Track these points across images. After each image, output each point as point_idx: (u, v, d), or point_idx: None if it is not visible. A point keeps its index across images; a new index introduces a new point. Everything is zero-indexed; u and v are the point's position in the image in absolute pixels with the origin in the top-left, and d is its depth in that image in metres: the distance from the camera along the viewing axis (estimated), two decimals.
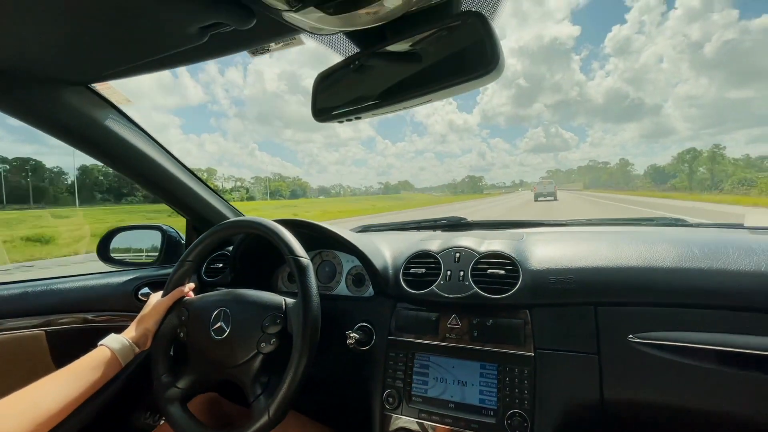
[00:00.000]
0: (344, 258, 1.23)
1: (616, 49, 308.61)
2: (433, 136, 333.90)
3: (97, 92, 0.95)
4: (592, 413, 0.80)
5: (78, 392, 0.74)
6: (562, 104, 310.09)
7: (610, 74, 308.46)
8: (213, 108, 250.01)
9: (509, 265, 0.93)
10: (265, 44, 0.75)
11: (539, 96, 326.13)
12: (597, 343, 0.80)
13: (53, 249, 14.96)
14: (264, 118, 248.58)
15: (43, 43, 0.71)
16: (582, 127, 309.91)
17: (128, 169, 1.13)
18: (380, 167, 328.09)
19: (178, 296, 0.96)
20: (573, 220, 1.35)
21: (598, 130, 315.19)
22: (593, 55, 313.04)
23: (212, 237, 1.00)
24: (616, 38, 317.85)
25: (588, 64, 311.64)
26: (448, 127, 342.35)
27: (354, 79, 0.72)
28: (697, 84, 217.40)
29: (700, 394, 0.73)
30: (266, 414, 0.76)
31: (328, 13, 0.54)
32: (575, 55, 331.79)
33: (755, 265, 0.76)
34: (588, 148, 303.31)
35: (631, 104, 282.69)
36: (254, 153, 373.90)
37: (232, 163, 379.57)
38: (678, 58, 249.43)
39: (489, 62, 0.52)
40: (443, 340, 0.93)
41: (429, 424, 0.88)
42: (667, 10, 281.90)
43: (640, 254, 0.87)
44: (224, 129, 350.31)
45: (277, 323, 0.84)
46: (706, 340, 0.72)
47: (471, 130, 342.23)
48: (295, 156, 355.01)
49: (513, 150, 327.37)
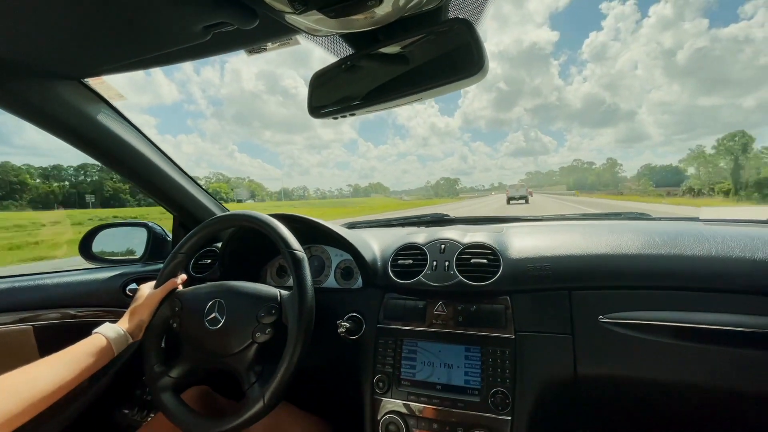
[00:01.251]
0: (333, 252, 1.27)
1: (593, 55, 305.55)
2: (416, 139, 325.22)
3: (90, 87, 0.96)
4: (567, 388, 0.87)
5: (71, 376, 0.75)
6: (541, 108, 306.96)
7: (587, 80, 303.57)
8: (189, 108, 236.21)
9: (491, 255, 1.00)
10: (263, 44, 0.79)
11: (519, 100, 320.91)
12: (571, 325, 0.87)
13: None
14: (242, 119, 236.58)
15: (40, 35, 0.72)
16: (560, 131, 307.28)
17: (117, 165, 1.14)
18: (363, 170, 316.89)
19: (171, 287, 0.98)
20: (548, 216, 1.44)
21: (576, 135, 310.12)
22: (571, 60, 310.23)
23: (206, 230, 1.01)
24: (593, 44, 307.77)
25: (566, 69, 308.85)
26: (430, 130, 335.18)
27: (348, 78, 0.77)
28: (670, 90, 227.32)
29: (662, 367, 0.81)
30: (261, 400, 0.79)
31: (329, 16, 0.59)
32: (554, 60, 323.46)
33: (707, 251, 0.85)
34: (567, 152, 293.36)
35: (608, 109, 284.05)
36: (234, 155, 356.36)
37: (210, 165, 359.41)
38: (652, 64, 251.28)
39: (475, 65, 0.58)
40: (430, 326, 0.98)
41: (417, 405, 0.93)
42: (641, 18, 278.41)
43: (609, 243, 0.95)
44: (201, 129, 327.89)
45: (272, 314, 0.87)
46: (665, 318, 0.81)
47: (453, 134, 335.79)
48: (276, 158, 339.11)
49: (494, 154, 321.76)
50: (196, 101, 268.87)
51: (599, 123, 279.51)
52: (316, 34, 0.70)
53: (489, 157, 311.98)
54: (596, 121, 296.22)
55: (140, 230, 1.49)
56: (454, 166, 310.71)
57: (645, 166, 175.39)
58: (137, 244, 1.51)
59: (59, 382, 0.72)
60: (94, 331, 0.85)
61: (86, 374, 0.78)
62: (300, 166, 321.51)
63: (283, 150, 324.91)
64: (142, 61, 0.82)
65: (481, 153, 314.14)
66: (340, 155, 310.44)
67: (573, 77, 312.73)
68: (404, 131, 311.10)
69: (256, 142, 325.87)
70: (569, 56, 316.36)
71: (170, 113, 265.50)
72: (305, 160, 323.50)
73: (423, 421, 0.91)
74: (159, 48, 0.75)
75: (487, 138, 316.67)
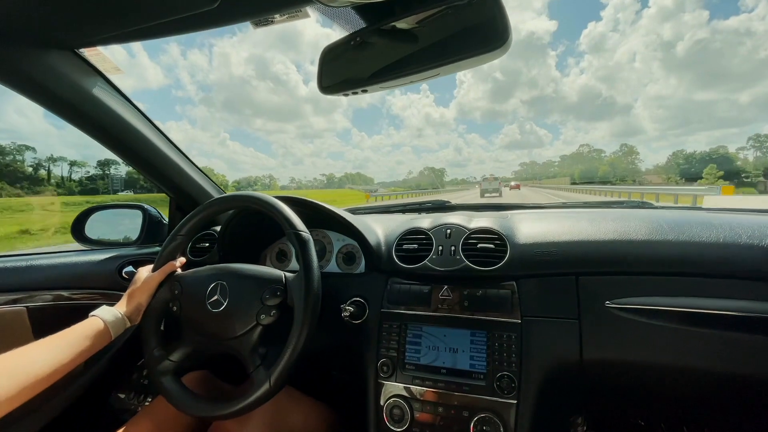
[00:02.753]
0: (335, 237, 1.25)
1: (591, 46, 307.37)
2: (410, 129, 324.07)
3: (85, 58, 0.91)
4: (572, 372, 0.88)
5: (68, 359, 0.73)
6: (537, 100, 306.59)
7: (584, 71, 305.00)
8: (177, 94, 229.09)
9: (497, 240, 0.99)
10: (271, 15, 0.75)
11: (516, 91, 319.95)
12: (578, 309, 0.87)
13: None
14: (232, 106, 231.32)
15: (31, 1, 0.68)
16: (555, 124, 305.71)
17: (112, 142, 1.10)
18: (357, 160, 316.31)
19: (170, 270, 0.96)
20: (552, 203, 1.44)
21: (571, 128, 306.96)
22: (569, 51, 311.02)
23: (207, 211, 0.99)
24: (591, 35, 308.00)
25: (564, 61, 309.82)
26: (425, 121, 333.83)
27: (360, 53, 0.74)
28: (667, 84, 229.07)
29: (667, 352, 0.82)
30: (267, 382, 0.78)
31: None
32: (552, 51, 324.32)
33: (715, 238, 0.86)
34: (561, 146, 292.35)
35: (604, 103, 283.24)
36: (226, 143, 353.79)
37: (201, 153, 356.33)
38: (650, 56, 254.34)
39: (498, 39, 0.56)
40: (435, 310, 0.97)
41: (422, 389, 0.92)
42: (641, 9, 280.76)
43: (616, 229, 0.95)
44: (191, 116, 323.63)
45: (277, 295, 0.85)
46: (672, 303, 0.81)
47: (448, 125, 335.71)
48: (269, 147, 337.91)
49: (489, 146, 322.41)
50: (184, 86, 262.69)
51: (595, 116, 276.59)
52: (330, 4, 0.67)
53: (484, 150, 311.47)
54: (592, 115, 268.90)
55: (135, 212, 1.45)
56: (449, 158, 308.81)
57: (678, 153, 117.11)
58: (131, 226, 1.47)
59: (55, 364, 0.71)
60: (92, 314, 0.83)
61: (82, 357, 0.77)
62: (293, 155, 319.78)
63: (276, 139, 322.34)
64: (141, 30, 0.77)
65: (476, 145, 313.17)
66: (333, 145, 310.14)
67: (570, 69, 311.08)
68: (398, 121, 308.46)
69: (248, 130, 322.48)
70: (567, 47, 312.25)
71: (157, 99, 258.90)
72: (298, 149, 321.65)
73: (428, 405, 0.91)
74: (161, 16, 0.71)
75: (483, 130, 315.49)
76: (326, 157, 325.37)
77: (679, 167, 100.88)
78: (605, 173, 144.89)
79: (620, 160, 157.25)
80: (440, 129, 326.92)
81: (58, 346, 0.73)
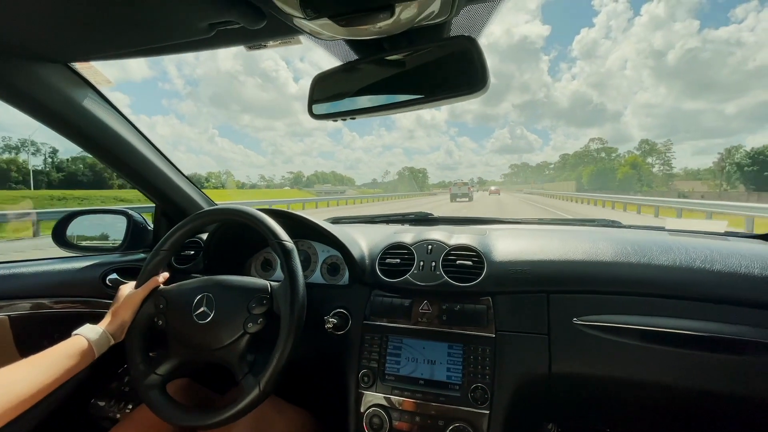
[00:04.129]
0: (320, 248, 1.28)
1: (583, 52, 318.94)
2: (401, 131, 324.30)
3: (77, 71, 0.92)
4: (542, 384, 0.94)
5: (51, 379, 0.73)
6: (529, 105, 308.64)
7: (576, 77, 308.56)
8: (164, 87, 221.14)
9: (475, 257, 1.04)
10: (265, 42, 0.79)
11: (508, 95, 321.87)
12: (548, 325, 0.93)
13: None
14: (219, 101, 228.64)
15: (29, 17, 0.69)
16: (546, 130, 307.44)
17: (101, 151, 1.10)
18: (348, 160, 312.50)
19: (153, 286, 0.96)
20: (527, 219, 1.51)
21: (561, 134, 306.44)
22: (561, 56, 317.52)
23: (191, 225, 1.00)
24: (584, 41, 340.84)
25: (556, 66, 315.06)
26: (416, 123, 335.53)
27: (350, 82, 0.78)
28: (656, 93, 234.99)
29: (629, 367, 0.88)
30: (257, 388, 0.81)
31: (339, 24, 0.60)
32: (544, 56, 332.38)
33: (672, 261, 0.93)
34: (551, 151, 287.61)
35: (594, 109, 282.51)
36: (214, 139, 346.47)
37: (189, 149, 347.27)
38: (641, 64, 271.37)
39: (477, 82, 0.61)
40: (415, 323, 1.02)
41: (400, 399, 0.97)
42: (633, 16, 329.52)
43: (585, 250, 1.02)
44: (178, 111, 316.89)
45: (263, 304, 0.88)
46: (634, 322, 0.88)
47: (439, 127, 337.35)
48: (258, 144, 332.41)
49: (480, 150, 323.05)
50: (170, 80, 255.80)
51: (585, 123, 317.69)
52: (321, 37, 0.71)
53: (475, 153, 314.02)
54: (582, 121, 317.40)
55: (119, 218, 1.45)
56: (440, 161, 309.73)
57: (734, 149, 72.41)
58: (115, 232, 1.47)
59: (38, 385, 0.71)
60: (75, 332, 0.83)
61: (66, 377, 0.77)
62: (283, 153, 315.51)
63: (265, 136, 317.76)
64: (136, 51, 0.80)
65: (466, 149, 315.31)
66: (324, 144, 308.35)
67: (562, 74, 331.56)
68: (390, 122, 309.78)
69: (235, 126, 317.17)
70: (560, 52, 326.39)
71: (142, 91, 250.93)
72: (288, 147, 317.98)
73: (405, 414, 0.95)
74: (158, 41, 0.73)
75: (474, 134, 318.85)
76: (317, 157, 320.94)
77: (742, 171, 58.19)
78: (627, 176, 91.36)
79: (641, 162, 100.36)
80: (431, 131, 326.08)
81: (40, 366, 0.73)
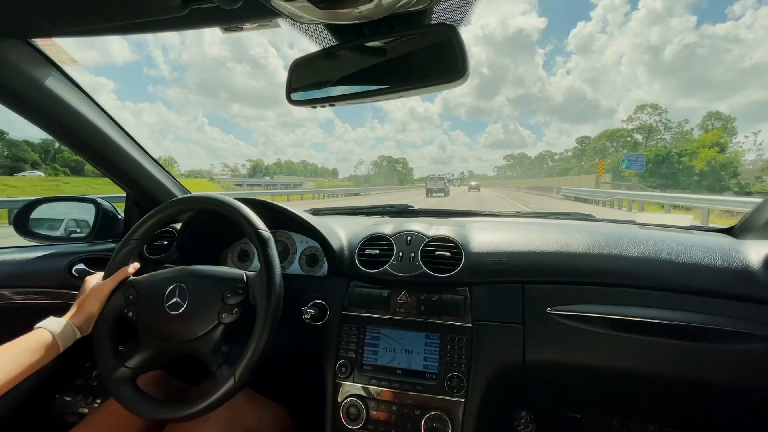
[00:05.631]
0: (298, 239, 1.27)
1: (579, 46, 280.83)
2: (394, 123, 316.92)
3: (38, 48, 0.87)
4: (516, 372, 0.96)
5: (13, 374, 0.71)
6: (523, 100, 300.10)
7: (570, 72, 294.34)
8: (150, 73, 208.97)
9: (453, 248, 1.05)
10: (241, 23, 0.76)
11: (502, 89, 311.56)
12: (522, 315, 0.95)
13: None
14: (207, 88, 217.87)
15: None
16: (539, 125, 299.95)
17: (65, 135, 1.05)
18: (340, 152, 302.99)
19: (123, 277, 0.93)
20: (505, 212, 1.53)
21: (554, 130, 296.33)
22: (557, 50, 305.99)
23: (163, 213, 0.97)
24: (580, 35, 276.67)
25: (551, 60, 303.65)
26: (410, 115, 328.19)
27: (329, 68, 0.76)
28: (650, 89, 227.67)
29: (599, 354, 0.92)
30: (232, 378, 0.79)
31: (318, 6, 0.59)
32: (540, 49, 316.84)
33: (641, 253, 0.97)
34: (544, 147, 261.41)
35: (588, 105, 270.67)
36: (204, 128, 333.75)
37: (178, 138, 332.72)
38: (637, 59, 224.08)
39: (458, 71, 0.61)
40: (394, 314, 1.02)
41: (377, 389, 0.97)
42: (630, 10, 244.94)
43: (559, 241, 1.04)
44: (163, 97, 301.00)
45: (238, 294, 0.86)
46: (604, 311, 0.91)
47: (432, 120, 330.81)
48: (249, 135, 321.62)
49: (473, 144, 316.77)
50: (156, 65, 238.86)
51: (578, 119, 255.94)
52: (299, 20, 0.69)
53: (468, 148, 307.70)
54: (576, 117, 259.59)
55: (87, 206, 1.39)
56: (433, 155, 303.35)
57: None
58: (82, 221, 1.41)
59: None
60: (38, 325, 0.79)
61: (29, 372, 0.74)
62: (274, 144, 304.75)
63: (255, 126, 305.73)
64: (102, 28, 0.75)
65: (460, 143, 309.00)
66: (315, 135, 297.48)
67: (557, 68, 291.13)
68: (383, 114, 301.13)
69: (225, 115, 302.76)
70: (555, 46, 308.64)
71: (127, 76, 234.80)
72: (279, 138, 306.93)
73: (382, 404, 0.96)
74: (126, 17, 0.70)
75: (467, 128, 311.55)
76: (309, 148, 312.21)
77: None
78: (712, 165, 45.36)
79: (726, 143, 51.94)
80: (425, 124, 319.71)
81: (3, 361, 0.70)
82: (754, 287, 0.87)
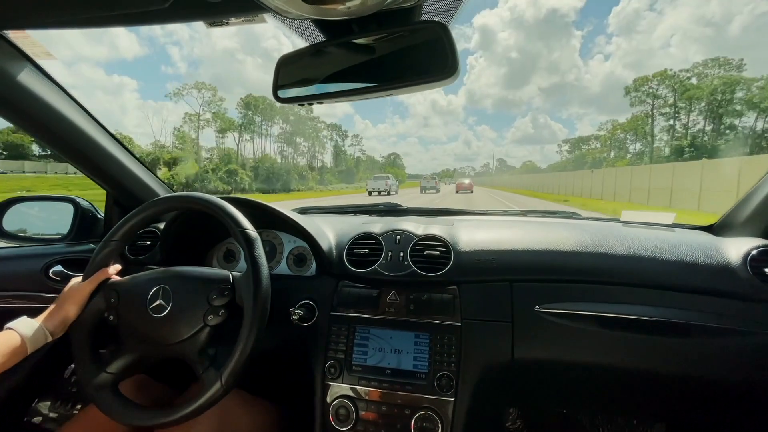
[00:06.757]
0: (286, 238, 1.25)
1: (621, 27, 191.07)
2: (416, 118, 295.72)
3: (10, 41, 0.83)
4: (505, 370, 0.96)
5: None
6: (556, 88, 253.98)
7: (610, 57, 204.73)
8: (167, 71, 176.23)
9: (442, 247, 1.05)
10: (226, 18, 0.74)
11: (533, 76, 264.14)
12: (511, 313, 0.96)
13: None
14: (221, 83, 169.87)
15: None
16: (571, 118, 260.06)
17: (42, 132, 1.01)
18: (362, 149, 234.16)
19: (102, 278, 0.90)
20: (492, 210, 1.54)
21: (587, 123, 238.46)
22: (597, 31, 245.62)
23: (145, 213, 0.94)
24: (623, 13, 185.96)
25: (589, 43, 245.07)
26: (431, 109, 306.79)
27: (317, 65, 0.75)
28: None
29: (587, 351, 0.93)
30: (218, 382, 0.78)
31: (306, 1, 0.57)
32: (576, 31, 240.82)
33: (626, 250, 0.98)
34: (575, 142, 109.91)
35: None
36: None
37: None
38: (694, 37, 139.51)
39: (448, 69, 0.60)
40: (383, 314, 1.02)
41: (367, 389, 0.96)
42: None
43: (546, 240, 1.05)
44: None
45: (225, 295, 0.84)
46: (591, 309, 0.92)
47: (455, 113, 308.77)
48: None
49: (499, 140, 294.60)
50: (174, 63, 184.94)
51: (617, 111, 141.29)
52: (287, 15, 0.67)
53: (494, 143, 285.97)
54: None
55: (65, 206, 1.34)
56: (458, 151, 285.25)
57: None
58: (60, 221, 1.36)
59: None
60: (7, 326, 0.76)
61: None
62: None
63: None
64: (80, 20, 0.72)
65: (486, 138, 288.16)
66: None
67: (595, 54, 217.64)
68: (403, 109, 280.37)
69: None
70: (595, 26, 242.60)
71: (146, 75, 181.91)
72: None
73: (372, 404, 0.95)
74: (104, 8, 0.67)
75: (494, 122, 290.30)
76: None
77: None
78: None
79: None
80: (448, 118, 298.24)
81: None
82: (735, 284, 0.89)
